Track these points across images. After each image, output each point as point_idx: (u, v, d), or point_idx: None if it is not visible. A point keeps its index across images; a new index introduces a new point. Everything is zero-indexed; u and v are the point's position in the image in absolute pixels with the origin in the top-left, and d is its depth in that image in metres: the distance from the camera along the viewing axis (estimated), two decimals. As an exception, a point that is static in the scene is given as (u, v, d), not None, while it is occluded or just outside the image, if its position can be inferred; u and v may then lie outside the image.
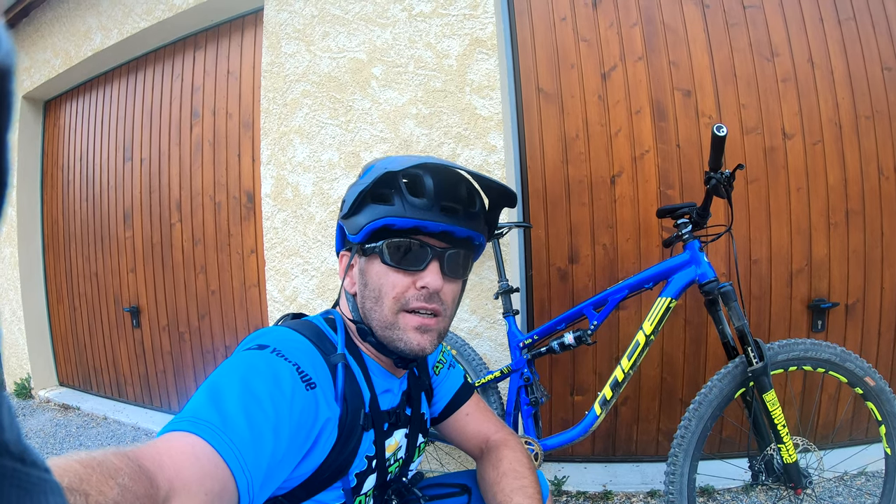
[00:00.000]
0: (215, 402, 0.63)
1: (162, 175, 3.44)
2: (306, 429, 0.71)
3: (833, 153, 2.29)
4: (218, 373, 0.69)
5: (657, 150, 2.32)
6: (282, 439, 0.66)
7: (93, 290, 3.91)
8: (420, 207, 0.81)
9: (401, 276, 0.84)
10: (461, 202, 0.86)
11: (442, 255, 0.85)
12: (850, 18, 2.32)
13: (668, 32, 2.34)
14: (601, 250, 2.37)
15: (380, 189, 0.84)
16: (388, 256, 0.83)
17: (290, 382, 0.71)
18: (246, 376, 0.68)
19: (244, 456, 0.59)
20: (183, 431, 0.58)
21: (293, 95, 2.64)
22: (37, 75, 3.95)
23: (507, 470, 0.97)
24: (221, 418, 0.60)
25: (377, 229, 0.83)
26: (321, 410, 0.75)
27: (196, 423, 0.59)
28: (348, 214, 0.87)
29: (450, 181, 0.85)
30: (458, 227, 0.84)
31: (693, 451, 1.52)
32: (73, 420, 3.60)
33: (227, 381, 0.66)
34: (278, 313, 2.68)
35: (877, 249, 2.29)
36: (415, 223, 0.81)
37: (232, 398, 0.63)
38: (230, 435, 0.59)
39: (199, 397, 0.64)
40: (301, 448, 0.71)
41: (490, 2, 2.31)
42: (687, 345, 2.34)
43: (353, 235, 0.85)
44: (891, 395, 1.53)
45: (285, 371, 0.72)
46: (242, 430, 0.61)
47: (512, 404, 1.90)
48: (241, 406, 0.63)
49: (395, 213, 0.81)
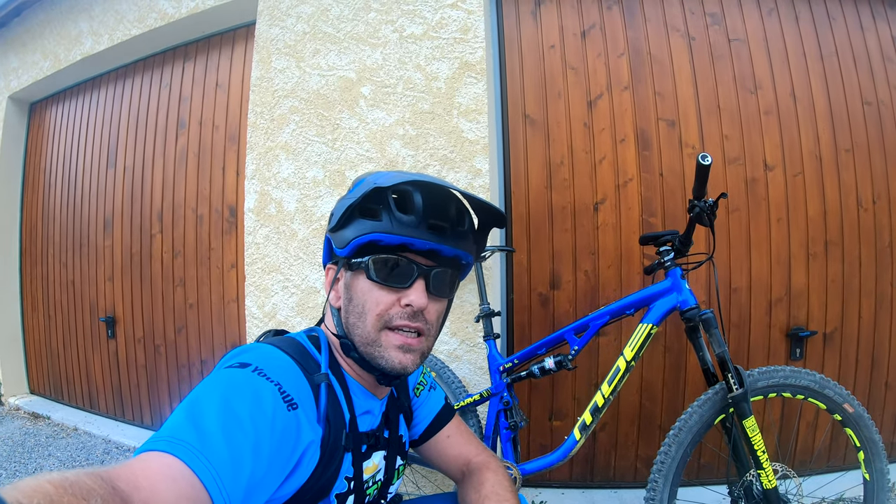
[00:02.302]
0: (194, 422, 0.61)
1: (145, 184, 3.40)
2: (288, 450, 0.70)
3: (813, 185, 2.33)
4: (198, 391, 0.67)
5: (640, 179, 2.35)
6: (261, 460, 0.64)
7: (69, 297, 3.82)
8: (408, 224, 0.81)
9: (385, 292, 0.83)
10: (450, 220, 0.85)
11: (428, 273, 0.84)
12: (832, 54, 2.38)
13: (654, 63, 2.38)
14: (583, 276, 2.38)
15: (368, 204, 0.83)
16: (373, 272, 0.82)
17: (272, 403, 0.69)
18: (226, 395, 0.66)
19: (222, 477, 0.58)
20: (160, 451, 0.57)
21: (281, 111, 2.63)
22: (25, 76, 3.91)
23: (489, 493, 0.95)
24: (200, 438, 0.59)
25: (364, 244, 0.82)
26: (303, 432, 0.73)
27: (173, 443, 0.58)
28: (336, 228, 0.86)
29: (439, 199, 0.85)
30: (446, 246, 0.83)
31: (673, 477, 1.52)
32: (42, 429, 3.50)
33: (206, 399, 0.65)
34: (257, 329, 2.64)
35: (855, 279, 2.33)
36: (402, 240, 0.80)
37: (211, 418, 0.62)
38: (208, 456, 0.58)
39: (178, 416, 0.62)
40: (283, 469, 0.70)
41: (480, 27, 2.34)
42: (666, 371, 2.35)
43: (340, 249, 0.85)
44: (869, 422, 1.55)
45: (267, 391, 0.70)
46: (221, 451, 0.59)
47: (491, 428, 1.88)
48: (221, 426, 0.61)
49: (383, 229, 0.80)
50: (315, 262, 2.52)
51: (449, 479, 1.39)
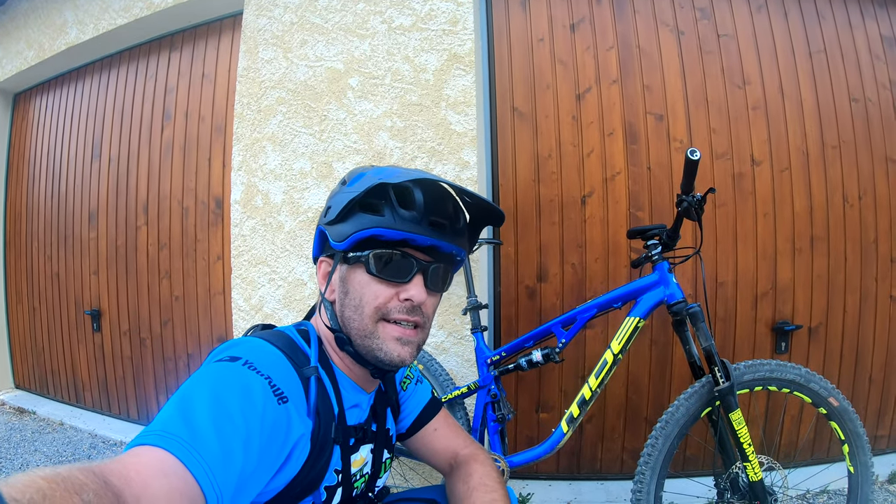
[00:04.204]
0: (184, 416, 0.61)
1: (130, 176, 3.35)
2: (278, 443, 0.70)
3: (800, 181, 2.34)
4: (188, 385, 0.67)
5: (628, 172, 2.35)
6: (252, 454, 0.64)
7: (53, 290, 3.77)
8: (410, 220, 0.82)
9: (384, 286, 0.84)
10: (448, 218, 0.87)
11: (426, 268, 0.86)
12: (820, 51, 2.39)
13: (643, 57, 2.38)
14: (570, 269, 2.38)
15: (369, 199, 0.83)
16: (373, 267, 0.83)
17: (262, 396, 0.69)
18: (216, 389, 0.66)
19: (213, 471, 0.58)
20: (151, 446, 0.57)
21: (268, 102, 2.61)
22: (8, 66, 3.84)
23: (477, 484, 0.96)
24: (190, 432, 0.59)
25: (364, 238, 0.83)
26: (294, 425, 0.74)
27: (164, 437, 0.58)
28: (334, 221, 0.86)
29: (438, 197, 0.87)
30: (445, 242, 0.85)
31: (660, 469, 1.53)
32: (28, 424, 3.47)
33: (197, 394, 0.65)
34: (243, 322, 2.62)
35: (840, 274, 2.35)
36: (404, 236, 0.81)
37: (202, 412, 0.62)
38: (199, 449, 0.58)
39: (168, 410, 0.63)
40: (273, 463, 0.70)
41: (470, 19, 2.32)
42: (652, 364, 2.36)
43: (338, 243, 0.85)
44: (854, 415, 1.57)
45: (257, 384, 0.70)
46: (212, 445, 0.59)
47: (478, 420, 1.88)
48: (211, 420, 0.61)
49: (385, 225, 0.81)
50: (302, 255, 2.50)
51: (436, 472, 1.39)
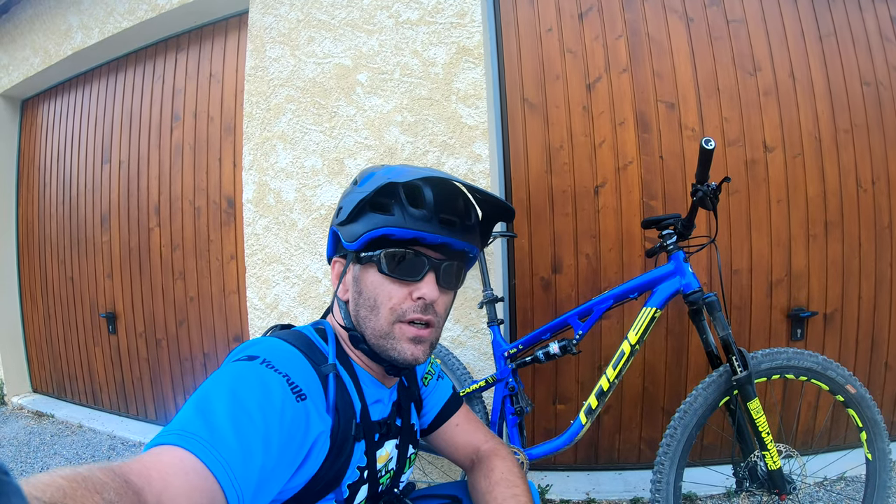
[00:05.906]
0: (204, 415, 0.61)
1: (141, 178, 3.37)
2: (297, 441, 0.70)
3: (813, 166, 2.32)
4: (206, 385, 0.67)
5: (640, 162, 2.34)
6: (272, 452, 0.64)
7: (68, 294, 3.81)
8: (420, 219, 0.82)
9: (397, 286, 0.84)
10: (459, 215, 0.87)
11: (438, 266, 0.86)
12: (830, 34, 2.36)
13: (652, 45, 2.36)
14: (584, 260, 2.38)
15: (379, 198, 0.83)
16: (385, 266, 0.83)
17: (281, 394, 0.70)
18: (235, 388, 0.66)
19: (233, 470, 0.58)
20: (171, 445, 0.57)
21: (277, 100, 2.61)
22: (15, 73, 3.85)
23: (499, 479, 0.97)
24: (210, 431, 0.59)
25: (375, 238, 0.83)
26: (312, 422, 0.74)
27: (184, 436, 0.58)
28: (345, 221, 0.86)
29: (448, 194, 0.87)
30: (456, 240, 0.84)
31: (679, 459, 1.53)
32: (47, 428, 3.50)
33: (215, 393, 0.65)
34: (258, 321, 2.63)
35: (855, 260, 2.33)
36: (415, 234, 0.81)
37: (221, 410, 0.62)
38: (219, 448, 0.58)
39: (188, 410, 0.63)
40: (293, 460, 0.70)
41: (477, 11, 2.31)
42: (669, 354, 2.35)
43: (350, 243, 0.85)
44: (871, 402, 1.56)
45: (275, 382, 0.70)
46: (231, 444, 0.59)
47: (497, 414, 1.88)
48: (231, 419, 0.62)
49: (395, 224, 0.81)
50: (316, 252, 2.51)
51: (455, 465, 1.40)
